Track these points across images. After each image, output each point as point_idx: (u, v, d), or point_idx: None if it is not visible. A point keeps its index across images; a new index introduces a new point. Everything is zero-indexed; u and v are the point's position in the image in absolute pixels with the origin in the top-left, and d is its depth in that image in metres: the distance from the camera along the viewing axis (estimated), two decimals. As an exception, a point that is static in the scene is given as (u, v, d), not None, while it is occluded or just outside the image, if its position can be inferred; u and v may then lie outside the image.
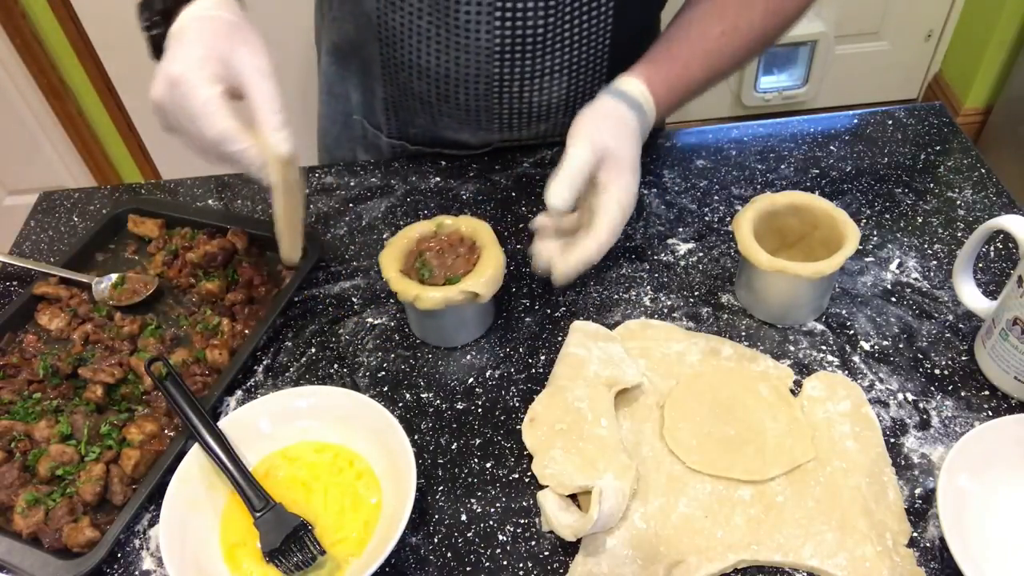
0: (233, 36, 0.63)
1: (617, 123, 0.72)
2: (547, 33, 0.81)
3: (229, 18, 0.64)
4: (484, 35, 0.81)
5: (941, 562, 0.62)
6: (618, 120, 0.73)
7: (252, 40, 0.64)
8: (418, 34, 0.83)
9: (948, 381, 0.73)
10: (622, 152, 0.71)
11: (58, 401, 0.75)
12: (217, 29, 0.63)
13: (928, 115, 1.01)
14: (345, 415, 0.71)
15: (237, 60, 0.62)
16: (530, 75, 0.86)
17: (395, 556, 0.65)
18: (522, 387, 0.76)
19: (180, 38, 0.63)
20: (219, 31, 0.63)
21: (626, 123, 0.73)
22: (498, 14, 0.79)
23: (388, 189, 0.97)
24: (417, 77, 0.88)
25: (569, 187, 0.68)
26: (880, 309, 0.80)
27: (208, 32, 0.62)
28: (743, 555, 0.62)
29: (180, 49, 0.62)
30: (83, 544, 0.65)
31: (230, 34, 0.63)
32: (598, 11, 0.82)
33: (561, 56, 0.84)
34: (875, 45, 2.30)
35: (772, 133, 1.01)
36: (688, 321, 0.80)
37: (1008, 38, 2.13)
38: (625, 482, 0.63)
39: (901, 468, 0.67)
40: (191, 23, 0.63)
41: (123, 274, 0.88)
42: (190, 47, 0.61)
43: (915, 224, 0.88)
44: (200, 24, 0.63)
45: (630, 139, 0.72)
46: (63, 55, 2.01)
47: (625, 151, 0.71)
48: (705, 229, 0.89)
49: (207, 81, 0.60)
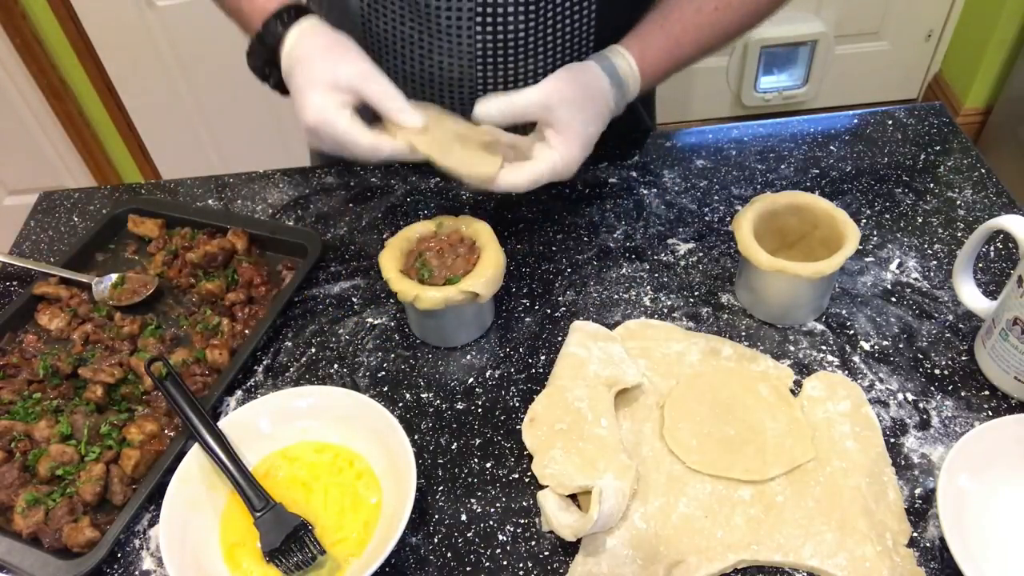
0: (330, 60, 0.71)
1: (591, 97, 0.74)
2: (529, 37, 0.81)
3: (320, 43, 0.72)
4: (466, 40, 0.81)
5: (941, 562, 0.62)
6: (594, 95, 0.74)
7: (346, 53, 0.72)
8: (402, 39, 0.83)
9: (948, 381, 0.73)
10: (580, 127, 0.73)
11: (58, 401, 0.75)
12: (313, 61, 0.71)
13: (928, 115, 1.01)
14: (345, 415, 0.71)
15: (344, 79, 0.69)
16: (513, 80, 0.86)
17: (395, 556, 0.65)
18: (522, 387, 0.76)
19: (293, 83, 0.71)
20: (314, 63, 0.71)
21: (601, 100, 0.75)
22: (479, 19, 0.79)
23: (388, 189, 0.97)
24: (403, 82, 0.88)
25: (499, 110, 0.71)
26: (880, 309, 0.80)
27: (311, 69, 0.70)
28: (743, 555, 0.62)
29: (301, 97, 0.70)
30: (83, 544, 0.65)
31: (327, 59, 0.71)
32: (580, 15, 0.82)
33: (544, 60, 0.84)
34: (875, 45, 2.30)
35: (772, 133, 1.01)
36: (688, 321, 0.80)
37: (1008, 38, 2.13)
38: (625, 482, 0.63)
39: (901, 468, 0.67)
40: (294, 67, 0.72)
41: (123, 274, 0.88)
42: (308, 94, 0.69)
43: (915, 224, 0.88)
44: (300, 65, 0.71)
45: (596, 118, 0.74)
46: (63, 55, 2.01)
47: (584, 127, 0.73)
48: (705, 229, 0.89)
49: (337, 116, 0.69)
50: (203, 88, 2.08)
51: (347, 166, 1.00)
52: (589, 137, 0.74)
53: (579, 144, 0.73)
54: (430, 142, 0.71)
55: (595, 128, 0.74)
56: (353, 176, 0.99)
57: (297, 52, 0.72)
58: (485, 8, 0.78)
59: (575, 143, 0.73)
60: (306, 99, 0.69)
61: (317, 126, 0.69)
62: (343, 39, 0.73)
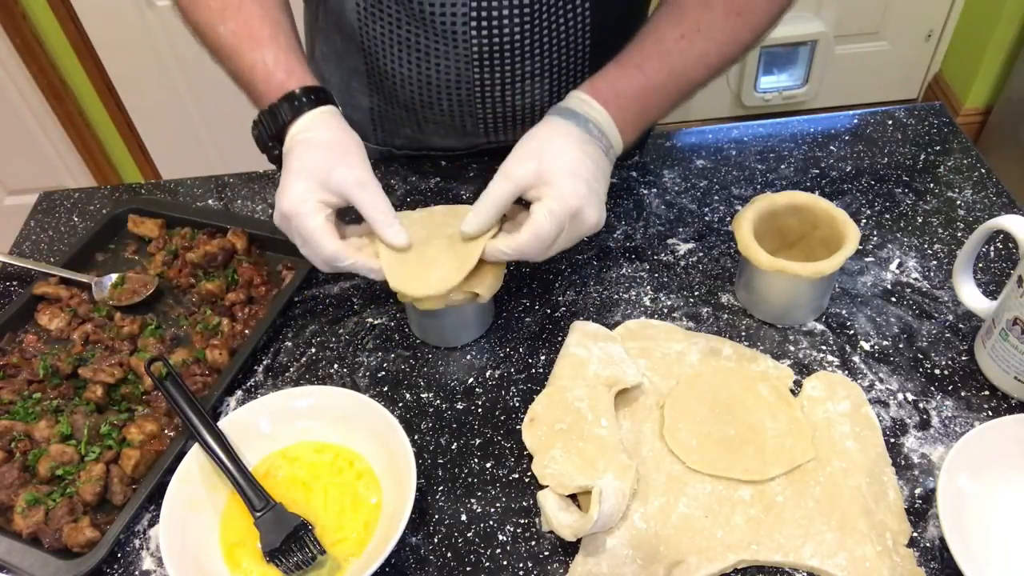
0: (332, 157, 0.69)
1: (550, 136, 0.70)
2: (525, 39, 0.81)
3: (325, 138, 0.70)
4: (462, 43, 0.81)
5: (941, 562, 0.62)
6: (552, 132, 0.70)
7: (348, 154, 0.70)
8: (398, 43, 0.83)
9: (948, 381, 0.73)
10: (554, 163, 0.68)
11: (58, 401, 0.75)
12: (316, 155, 0.69)
13: (928, 115, 1.01)
14: (345, 415, 0.71)
15: (337, 181, 0.68)
16: (511, 80, 0.86)
17: (395, 556, 0.65)
18: (522, 387, 0.76)
19: (287, 168, 0.70)
20: (318, 157, 0.69)
21: (563, 132, 0.70)
22: (474, 23, 0.79)
23: (388, 189, 0.97)
24: (400, 85, 0.88)
25: (483, 216, 0.69)
26: (880, 309, 0.80)
27: (309, 159, 0.69)
28: (743, 555, 0.62)
29: (286, 183, 0.69)
30: (83, 544, 0.65)
31: (327, 156, 0.69)
32: (575, 13, 0.82)
33: (541, 60, 0.84)
34: (875, 45, 2.30)
35: (772, 133, 1.01)
36: (688, 321, 0.80)
37: (1008, 38, 2.13)
38: (625, 482, 0.63)
39: (901, 468, 0.67)
40: (294, 149, 0.70)
41: (123, 274, 0.88)
42: (294, 182, 0.68)
43: (915, 224, 0.88)
44: (302, 150, 0.70)
45: (567, 149, 0.69)
46: (63, 55, 2.01)
47: (557, 161, 0.68)
48: (705, 229, 0.89)
49: (312, 213, 0.68)
50: (203, 88, 2.08)
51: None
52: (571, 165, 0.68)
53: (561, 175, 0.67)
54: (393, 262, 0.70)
55: (570, 156, 0.68)
56: (353, 176, 0.99)
57: (302, 136, 0.70)
58: (480, 11, 0.78)
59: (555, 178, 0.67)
60: (289, 185, 0.68)
61: (289, 214, 0.68)
62: (352, 139, 0.71)
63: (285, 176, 0.69)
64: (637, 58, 0.74)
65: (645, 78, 0.74)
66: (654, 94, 0.75)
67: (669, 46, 0.74)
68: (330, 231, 0.69)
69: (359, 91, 0.94)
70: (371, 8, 0.82)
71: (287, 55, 0.73)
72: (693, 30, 0.74)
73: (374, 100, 0.94)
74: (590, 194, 0.68)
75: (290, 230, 0.70)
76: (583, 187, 0.68)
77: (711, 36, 0.74)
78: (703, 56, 0.75)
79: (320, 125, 0.71)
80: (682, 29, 0.74)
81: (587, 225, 0.69)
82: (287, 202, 0.68)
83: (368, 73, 0.91)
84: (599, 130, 0.71)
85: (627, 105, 0.73)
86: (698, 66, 0.75)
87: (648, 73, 0.74)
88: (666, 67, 0.74)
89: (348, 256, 0.69)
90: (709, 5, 0.74)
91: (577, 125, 0.71)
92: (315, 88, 0.73)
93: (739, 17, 0.75)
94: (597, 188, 0.70)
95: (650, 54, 0.74)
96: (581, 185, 0.67)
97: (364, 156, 0.71)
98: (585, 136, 0.70)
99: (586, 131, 0.71)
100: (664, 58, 0.74)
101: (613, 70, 0.74)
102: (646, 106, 0.75)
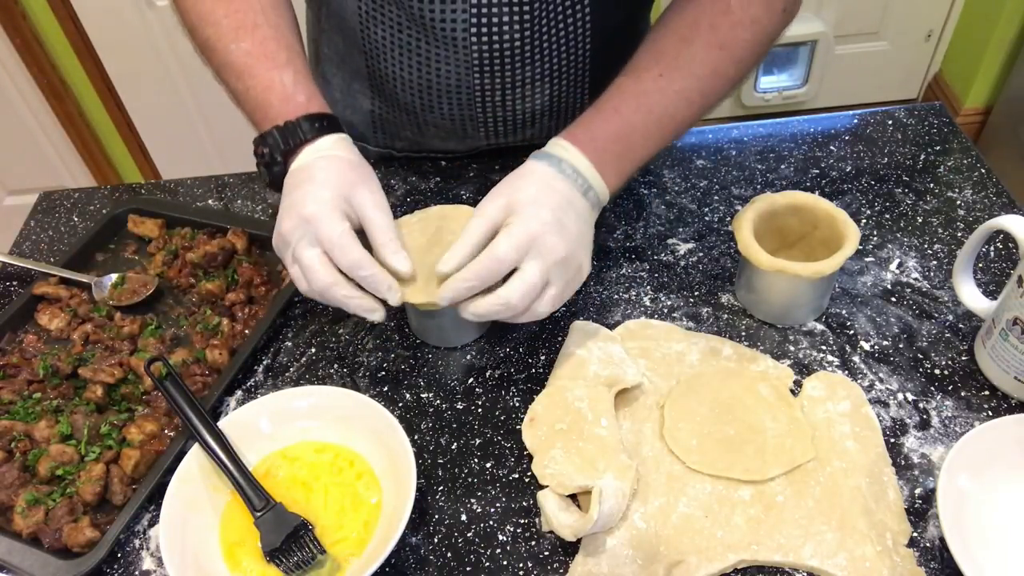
0: (354, 176, 0.69)
1: (521, 174, 0.69)
2: (525, 44, 0.81)
3: (349, 158, 0.70)
4: (463, 48, 0.81)
5: (941, 562, 0.62)
6: (524, 171, 0.69)
7: (369, 178, 0.70)
8: (400, 47, 0.83)
9: (948, 381, 0.73)
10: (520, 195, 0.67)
11: (58, 401, 0.75)
12: (341, 169, 0.68)
13: (928, 115, 1.01)
14: (345, 415, 0.71)
15: (359, 199, 0.67)
16: (511, 85, 0.86)
17: (395, 556, 0.65)
18: (522, 387, 0.76)
19: (309, 178, 0.68)
20: (343, 171, 0.68)
21: (534, 170, 0.69)
22: (474, 28, 0.79)
23: (388, 189, 0.97)
24: (401, 89, 0.88)
25: (459, 255, 0.66)
26: (880, 309, 0.80)
27: (333, 172, 0.68)
28: (743, 555, 0.62)
29: (311, 190, 0.67)
30: (83, 544, 0.65)
31: (351, 174, 0.69)
32: (575, 18, 0.82)
33: (541, 65, 0.84)
34: (875, 45, 2.30)
35: (772, 133, 1.01)
36: (688, 321, 0.80)
37: (1008, 38, 2.13)
38: (625, 482, 0.63)
39: (901, 468, 0.67)
40: (317, 162, 0.69)
41: (123, 274, 0.88)
42: (320, 189, 0.67)
43: (915, 224, 0.88)
44: (326, 163, 0.68)
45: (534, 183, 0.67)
46: (63, 55, 2.01)
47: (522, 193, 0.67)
48: (705, 229, 0.89)
49: (338, 219, 0.66)
50: (203, 88, 2.08)
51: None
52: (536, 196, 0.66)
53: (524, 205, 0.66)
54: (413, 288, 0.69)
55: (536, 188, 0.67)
56: (353, 176, 0.99)
57: (327, 153, 0.69)
58: (480, 17, 0.78)
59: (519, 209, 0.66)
60: (314, 192, 0.66)
61: (313, 217, 0.65)
62: (370, 167, 0.71)
63: (307, 185, 0.67)
64: (615, 100, 0.72)
65: (622, 119, 0.72)
66: (634, 134, 0.72)
67: (647, 85, 0.72)
68: (355, 239, 0.67)
69: (360, 93, 0.94)
70: (372, 12, 0.82)
71: (306, 80, 0.72)
72: (672, 67, 0.72)
73: (375, 103, 0.94)
74: (554, 222, 0.65)
75: (303, 237, 0.66)
76: (547, 215, 0.65)
77: (691, 72, 0.72)
78: (683, 92, 0.73)
79: (342, 147, 0.70)
80: (660, 67, 0.72)
81: (554, 256, 0.65)
82: (313, 205, 0.65)
83: (369, 76, 0.91)
84: (573, 169, 0.69)
85: (605, 147, 0.71)
86: (679, 103, 0.73)
87: (625, 114, 0.72)
88: (644, 107, 0.72)
89: (369, 266, 0.66)
90: (688, 40, 0.73)
91: (550, 165, 0.69)
92: (333, 117, 0.72)
93: (721, 51, 0.73)
94: (564, 219, 0.66)
95: (628, 95, 0.72)
96: (544, 212, 0.65)
97: (379, 183, 0.71)
98: (555, 173, 0.69)
99: (558, 170, 0.69)
100: (642, 98, 0.72)
101: (590, 114, 0.73)
102: (627, 147, 0.72)
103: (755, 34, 0.74)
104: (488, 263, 0.65)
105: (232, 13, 0.73)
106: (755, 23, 0.73)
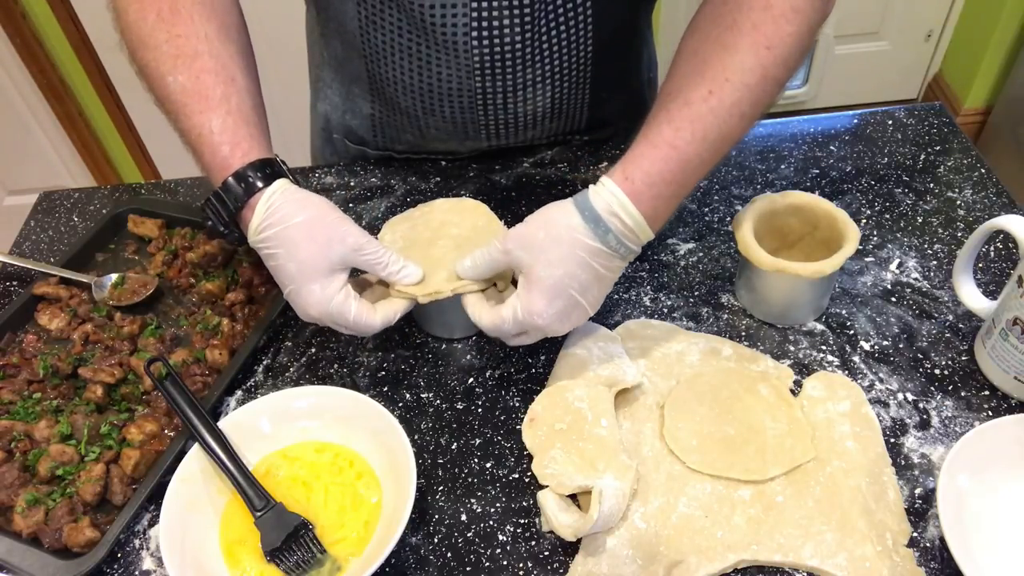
0: (314, 241, 0.66)
1: (554, 238, 0.65)
2: (526, 47, 0.81)
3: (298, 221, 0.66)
4: (463, 51, 0.81)
5: (941, 562, 0.62)
6: (559, 234, 0.65)
7: (329, 228, 0.67)
8: (400, 51, 0.83)
9: (948, 381, 0.73)
10: (542, 271, 0.65)
11: (58, 401, 0.75)
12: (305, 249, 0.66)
13: (928, 115, 1.01)
14: (345, 415, 0.71)
15: (337, 260, 0.67)
16: (512, 88, 0.85)
17: (395, 556, 0.65)
18: (522, 387, 0.76)
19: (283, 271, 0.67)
20: (307, 249, 0.66)
21: (568, 238, 0.65)
22: (475, 32, 0.79)
23: (388, 189, 0.97)
24: (401, 93, 0.88)
25: (477, 272, 0.69)
26: (880, 309, 0.80)
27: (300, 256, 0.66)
28: (743, 555, 0.62)
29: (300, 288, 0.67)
30: (83, 544, 0.65)
31: (312, 241, 0.66)
32: (575, 20, 0.82)
33: (543, 67, 0.84)
34: (875, 45, 2.30)
35: (772, 133, 1.01)
36: (688, 321, 0.80)
37: (1008, 38, 2.13)
38: (625, 482, 0.63)
39: (901, 468, 0.67)
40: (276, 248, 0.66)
41: (123, 274, 0.88)
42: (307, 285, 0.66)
43: (915, 224, 0.88)
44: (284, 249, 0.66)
45: (564, 260, 0.65)
46: (63, 55, 2.01)
47: (547, 271, 0.65)
48: (705, 229, 0.89)
49: (345, 301, 0.67)
50: (203, 88, 2.08)
51: (347, 166, 1.00)
52: (557, 283, 0.64)
53: (540, 291, 0.65)
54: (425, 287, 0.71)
55: (563, 271, 0.64)
56: (353, 176, 0.99)
57: (277, 231, 0.66)
58: (480, 20, 0.78)
59: (535, 290, 0.65)
60: (305, 292, 0.66)
61: (324, 316, 0.67)
62: (322, 204, 0.68)
63: (289, 283, 0.67)
64: (668, 133, 0.66)
65: (679, 155, 0.65)
66: (688, 167, 0.66)
67: (698, 108, 0.65)
68: (368, 306, 0.69)
69: (360, 97, 0.94)
70: (372, 16, 0.82)
71: (236, 121, 0.68)
72: (720, 81, 0.65)
73: (375, 106, 0.94)
74: (563, 313, 0.66)
75: (333, 324, 0.69)
76: (559, 305, 0.65)
77: (741, 82, 0.66)
78: (735, 107, 0.66)
79: (283, 207, 0.66)
80: (709, 85, 0.66)
81: (556, 333, 0.69)
82: (315, 309, 0.67)
83: (369, 80, 0.91)
84: (618, 241, 0.65)
85: (661, 192, 0.66)
86: (731, 120, 0.66)
87: (681, 148, 0.65)
88: (699, 134, 0.65)
89: (395, 315, 0.70)
90: (732, 47, 0.66)
91: (595, 235, 0.64)
92: (263, 161, 0.68)
93: (768, 51, 0.66)
94: (581, 301, 0.66)
95: (682, 124, 0.65)
96: (558, 303, 0.65)
97: (340, 214, 0.68)
98: (597, 248, 0.65)
99: (603, 243, 0.65)
100: (696, 124, 0.65)
101: (646, 150, 0.66)
102: (683, 185, 0.68)
103: (799, 26, 0.67)
104: (491, 329, 0.69)
105: (173, 39, 0.69)
106: (797, 13, 0.67)
